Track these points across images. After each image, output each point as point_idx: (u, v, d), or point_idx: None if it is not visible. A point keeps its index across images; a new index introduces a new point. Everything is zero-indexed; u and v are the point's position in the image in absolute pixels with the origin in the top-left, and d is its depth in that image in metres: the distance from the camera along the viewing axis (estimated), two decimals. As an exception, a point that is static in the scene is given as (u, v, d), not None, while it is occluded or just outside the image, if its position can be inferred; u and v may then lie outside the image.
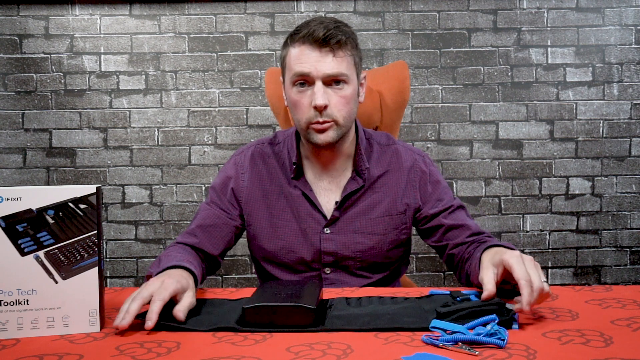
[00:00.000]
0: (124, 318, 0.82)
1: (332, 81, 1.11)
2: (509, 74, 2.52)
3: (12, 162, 2.50)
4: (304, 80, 1.12)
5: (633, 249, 2.58)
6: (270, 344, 0.76)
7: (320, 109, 1.11)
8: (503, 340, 0.74)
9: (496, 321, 0.79)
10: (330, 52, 1.10)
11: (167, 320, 0.85)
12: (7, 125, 2.49)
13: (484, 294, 0.88)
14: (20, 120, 2.49)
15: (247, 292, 1.04)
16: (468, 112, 2.53)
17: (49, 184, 2.49)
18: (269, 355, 0.72)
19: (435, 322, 0.81)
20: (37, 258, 0.81)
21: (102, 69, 2.50)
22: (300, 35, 1.11)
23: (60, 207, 0.83)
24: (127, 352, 0.74)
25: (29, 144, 2.50)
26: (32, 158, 2.51)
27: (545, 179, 2.55)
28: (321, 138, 1.13)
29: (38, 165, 2.51)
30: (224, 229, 1.23)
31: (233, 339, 0.79)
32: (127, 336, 0.81)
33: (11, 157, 2.50)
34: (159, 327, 0.83)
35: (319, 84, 1.10)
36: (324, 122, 1.12)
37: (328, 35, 1.09)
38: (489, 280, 0.89)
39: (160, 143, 2.52)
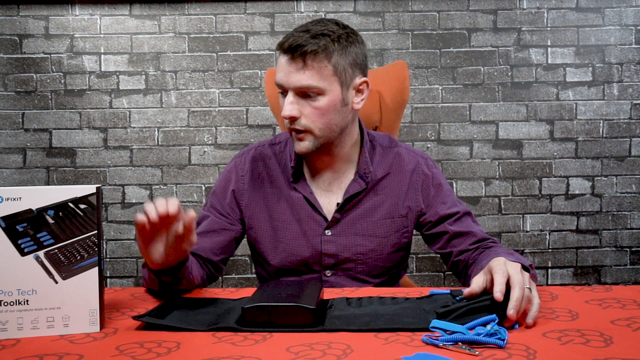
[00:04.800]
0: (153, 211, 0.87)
1: (304, 92, 1.10)
2: (509, 74, 2.52)
3: (12, 162, 2.50)
4: (282, 90, 1.13)
5: (633, 249, 2.58)
6: (270, 344, 0.76)
7: (290, 120, 1.11)
8: (503, 340, 0.74)
9: (496, 321, 0.79)
10: (300, 62, 1.07)
11: (163, 320, 0.85)
12: (7, 125, 2.49)
13: (466, 291, 0.88)
14: (20, 120, 2.49)
15: (247, 292, 1.04)
16: (468, 112, 2.53)
17: (49, 184, 2.49)
18: (269, 355, 0.72)
19: (435, 322, 0.80)
20: (37, 258, 0.81)
21: (102, 69, 2.50)
22: (280, 42, 1.11)
23: (60, 207, 0.82)
24: (127, 352, 0.74)
25: (29, 144, 2.50)
26: (32, 158, 2.51)
27: (545, 179, 2.55)
28: (297, 147, 1.14)
29: (38, 165, 2.51)
30: (224, 235, 1.22)
31: (233, 339, 0.79)
32: (127, 336, 0.81)
33: (11, 157, 2.50)
34: (158, 327, 0.83)
35: (289, 95, 1.10)
36: (297, 130, 1.12)
37: (296, 46, 1.07)
38: (476, 282, 0.89)
39: (160, 143, 2.52)
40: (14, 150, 2.50)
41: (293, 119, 1.10)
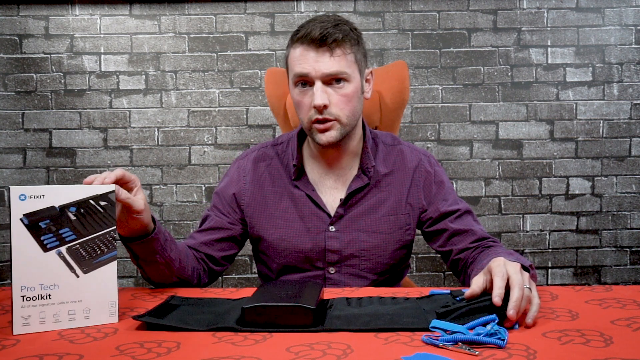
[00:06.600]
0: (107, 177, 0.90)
1: (332, 80, 1.11)
2: (509, 74, 2.52)
3: (12, 162, 2.50)
4: (305, 81, 1.13)
5: (633, 249, 2.58)
6: (270, 344, 0.76)
7: (320, 109, 1.11)
8: (503, 340, 0.74)
9: (496, 321, 0.79)
10: (327, 51, 1.10)
11: (163, 320, 0.85)
12: (7, 125, 2.49)
13: (467, 292, 0.88)
14: (20, 120, 2.49)
15: (247, 292, 1.04)
16: (468, 112, 2.53)
17: (49, 184, 2.49)
18: (269, 355, 0.72)
19: (435, 322, 0.80)
20: (59, 253, 0.84)
21: (102, 69, 2.50)
22: (299, 36, 1.12)
23: (81, 204, 0.85)
24: (127, 352, 0.74)
25: (29, 144, 2.50)
26: (32, 158, 2.51)
27: (545, 179, 2.55)
28: (323, 138, 1.14)
29: (38, 165, 2.51)
30: (222, 232, 1.24)
31: (233, 339, 0.78)
32: (127, 336, 0.81)
33: (11, 157, 2.50)
34: (158, 327, 0.83)
35: (318, 84, 1.11)
36: (326, 120, 1.12)
37: (324, 35, 1.09)
38: (476, 283, 0.89)
39: (160, 143, 2.52)
40: (14, 150, 2.50)
41: (324, 108, 1.11)
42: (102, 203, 0.87)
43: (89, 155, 2.51)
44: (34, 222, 0.82)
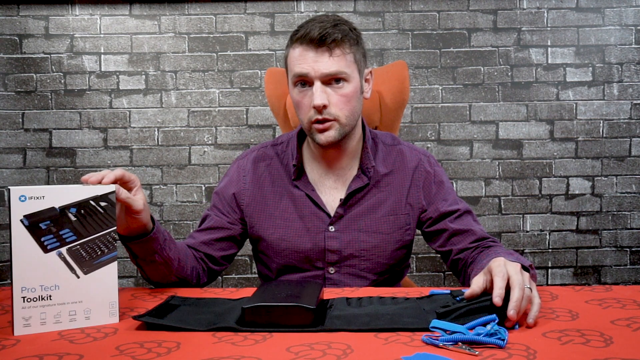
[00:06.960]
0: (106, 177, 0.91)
1: (331, 80, 1.11)
2: (509, 74, 2.52)
3: (12, 162, 2.50)
4: (304, 81, 1.13)
5: (633, 249, 2.58)
6: (270, 344, 0.76)
7: (319, 109, 1.11)
8: (503, 340, 0.74)
9: (496, 321, 0.79)
10: (326, 51, 1.10)
11: (163, 320, 0.85)
12: (7, 125, 2.49)
13: (466, 292, 0.88)
14: (20, 120, 2.49)
15: (247, 292, 1.04)
16: (468, 112, 2.53)
17: (49, 184, 2.49)
18: (269, 355, 0.72)
19: (435, 322, 0.80)
20: (60, 254, 0.84)
21: (102, 69, 2.50)
22: (298, 36, 1.12)
23: (82, 205, 0.85)
24: (127, 352, 0.74)
25: (29, 144, 2.50)
26: (32, 158, 2.51)
27: (545, 179, 2.55)
28: (322, 138, 1.14)
29: (38, 165, 2.51)
30: (222, 232, 1.24)
31: (233, 339, 0.79)
32: (127, 336, 0.81)
33: (11, 157, 2.50)
34: (158, 327, 0.83)
35: (317, 84, 1.11)
36: (325, 120, 1.12)
37: (323, 35, 1.09)
38: (476, 283, 0.89)
39: (160, 143, 2.52)
40: (14, 150, 2.50)
41: (323, 108, 1.11)
42: (103, 204, 0.87)
43: (89, 155, 2.51)
44: (34, 223, 0.82)
